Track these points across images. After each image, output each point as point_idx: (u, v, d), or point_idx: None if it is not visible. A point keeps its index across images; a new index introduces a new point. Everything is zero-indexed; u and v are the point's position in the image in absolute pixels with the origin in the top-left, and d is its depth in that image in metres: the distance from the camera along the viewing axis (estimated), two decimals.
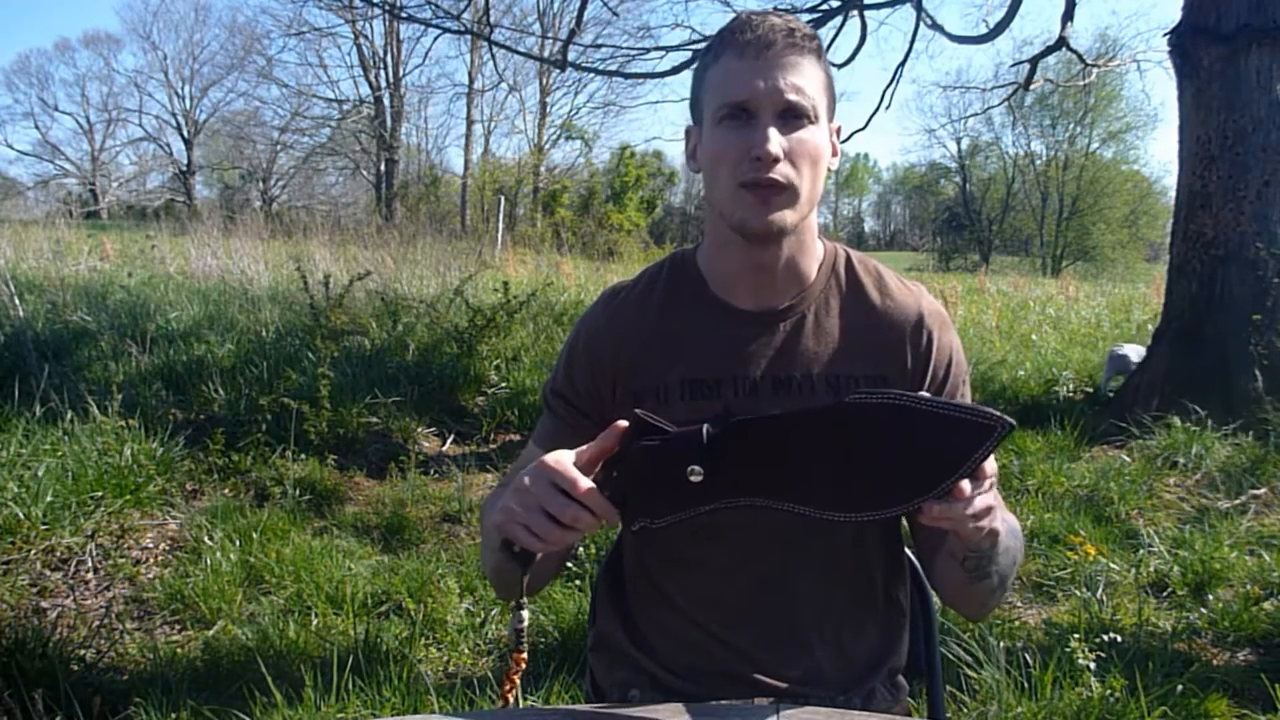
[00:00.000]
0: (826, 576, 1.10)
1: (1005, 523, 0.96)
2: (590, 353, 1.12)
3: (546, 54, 10.77)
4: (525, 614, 0.92)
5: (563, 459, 0.86)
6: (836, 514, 0.84)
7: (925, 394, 0.80)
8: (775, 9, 1.14)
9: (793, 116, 0.99)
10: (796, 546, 1.08)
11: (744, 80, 0.99)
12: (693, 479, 0.85)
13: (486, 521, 1.09)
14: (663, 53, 7.53)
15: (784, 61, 0.99)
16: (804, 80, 0.99)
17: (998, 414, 0.76)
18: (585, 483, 0.85)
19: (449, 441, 4.45)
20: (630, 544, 1.20)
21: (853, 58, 6.92)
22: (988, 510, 0.83)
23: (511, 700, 0.92)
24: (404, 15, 7.69)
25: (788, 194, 1.00)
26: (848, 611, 1.12)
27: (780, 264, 1.07)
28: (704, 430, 0.85)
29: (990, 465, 0.80)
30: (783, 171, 0.98)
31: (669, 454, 0.86)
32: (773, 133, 0.97)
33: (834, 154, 1.07)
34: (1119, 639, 2.33)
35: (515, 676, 0.92)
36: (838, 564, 1.10)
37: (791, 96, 0.98)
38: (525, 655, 0.93)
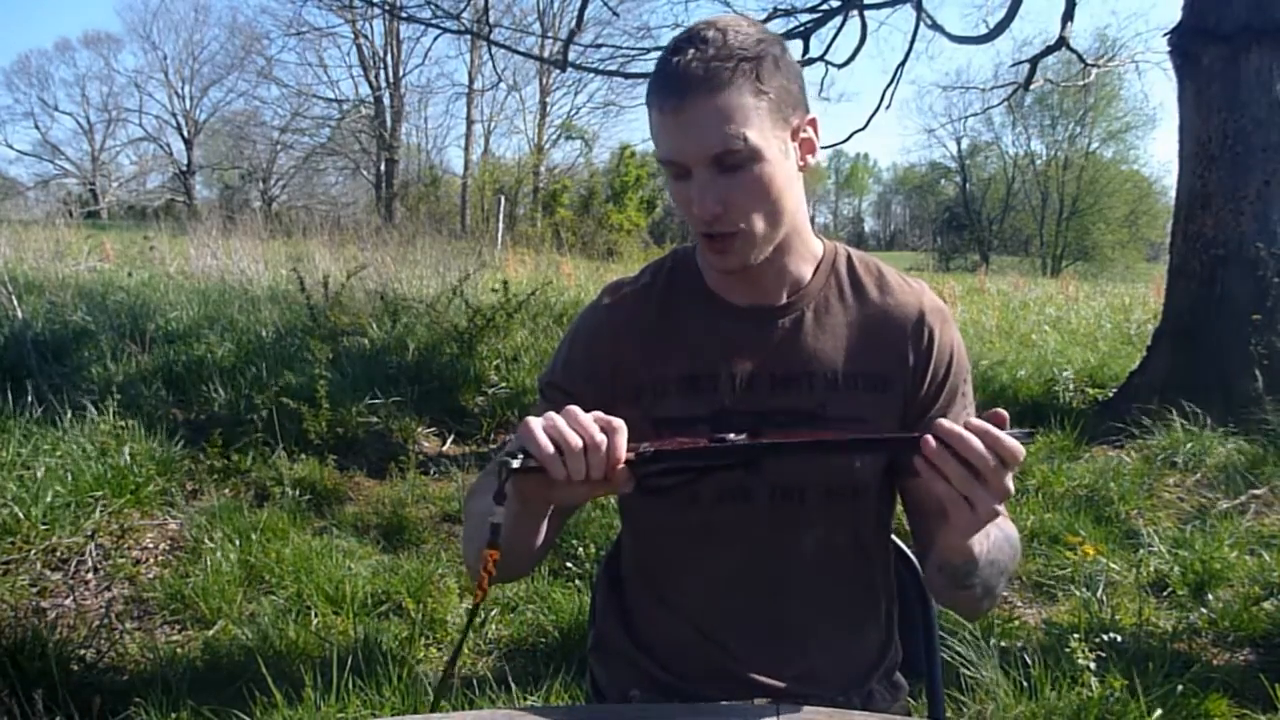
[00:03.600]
0: (825, 578, 1.10)
1: (995, 536, 0.96)
2: (590, 346, 1.12)
3: (546, 54, 10.77)
4: (500, 510, 0.86)
5: (623, 428, 0.86)
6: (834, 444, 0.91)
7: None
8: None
9: (727, 160, 0.95)
10: (795, 549, 1.08)
11: (668, 138, 0.96)
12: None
13: (474, 502, 1.08)
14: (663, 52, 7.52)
15: (703, 108, 0.92)
16: (730, 120, 0.92)
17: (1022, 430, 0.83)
18: (618, 421, 0.85)
19: (449, 441, 4.45)
20: (628, 545, 1.20)
21: (853, 58, 6.91)
22: (992, 512, 0.82)
23: (484, 595, 0.89)
24: (404, 15, 7.70)
25: (740, 239, 0.99)
26: (846, 613, 1.13)
27: (770, 272, 1.07)
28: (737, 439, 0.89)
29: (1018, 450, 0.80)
30: (728, 221, 0.97)
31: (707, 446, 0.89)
32: (705, 191, 0.95)
33: (809, 153, 1.02)
34: (1119, 639, 2.34)
35: (488, 572, 0.87)
36: (837, 566, 1.11)
37: (717, 148, 0.93)
38: (498, 554, 0.86)
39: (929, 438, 0.80)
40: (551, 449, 0.83)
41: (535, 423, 0.85)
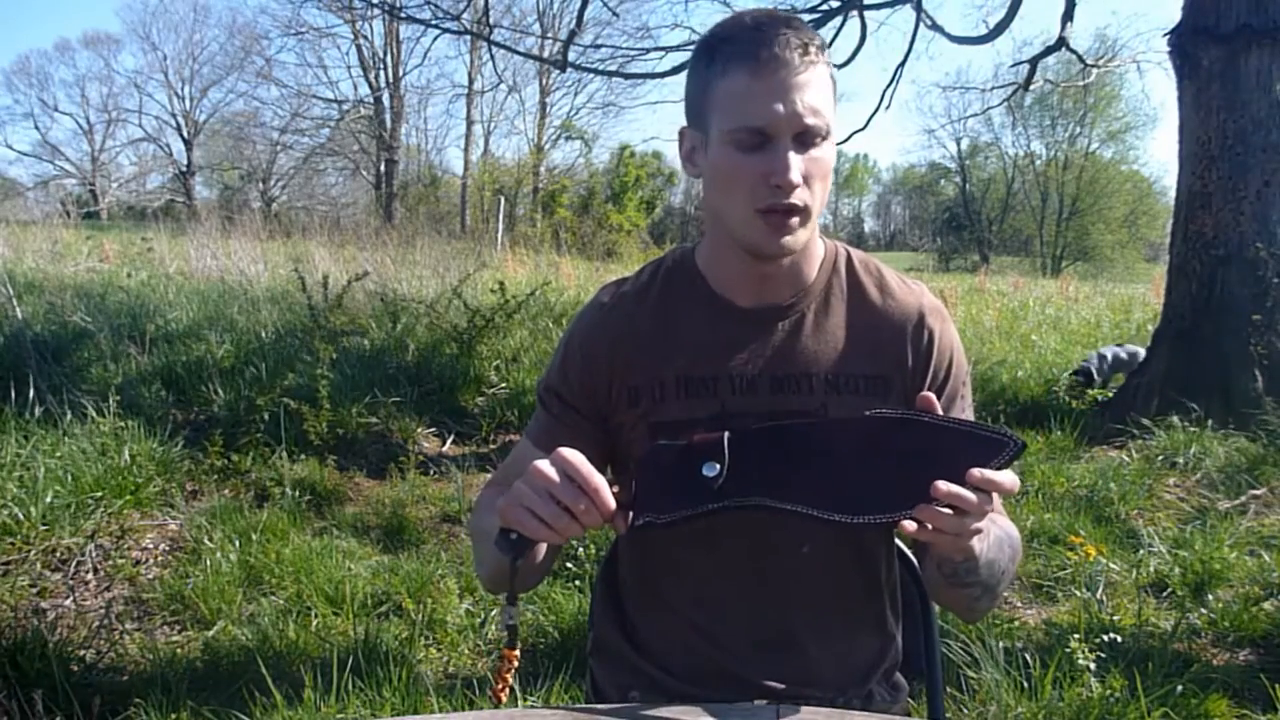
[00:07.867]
0: (825, 580, 1.10)
1: (995, 535, 0.96)
2: (587, 348, 1.11)
3: (546, 54, 10.77)
4: (517, 609, 0.91)
5: (577, 454, 0.87)
6: (838, 515, 0.86)
7: (945, 415, 0.87)
8: (776, 9, 1.13)
9: (809, 137, 0.97)
10: (794, 551, 1.08)
11: (762, 103, 0.95)
12: (707, 473, 0.88)
13: (481, 519, 1.08)
14: (662, 53, 7.57)
15: (800, 81, 0.95)
16: (819, 99, 0.96)
17: (1011, 433, 0.82)
18: (598, 477, 0.86)
19: (449, 442, 4.45)
20: (625, 548, 1.20)
21: (853, 58, 6.91)
22: (974, 532, 0.84)
23: (504, 700, 0.91)
24: (403, 15, 7.69)
25: (802, 215, 0.99)
26: (846, 614, 1.12)
27: (783, 271, 1.07)
28: (724, 437, 0.89)
29: (1010, 479, 0.82)
30: (800, 196, 0.97)
31: (688, 452, 0.90)
32: (793, 159, 0.95)
33: None
34: (1119, 639, 2.33)
35: (508, 675, 0.91)
36: (837, 568, 1.10)
37: (810, 120, 0.95)
38: (518, 653, 0.92)
39: (931, 507, 0.81)
40: (541, 529, 0.87)
41: (515, 507, 0.87)
